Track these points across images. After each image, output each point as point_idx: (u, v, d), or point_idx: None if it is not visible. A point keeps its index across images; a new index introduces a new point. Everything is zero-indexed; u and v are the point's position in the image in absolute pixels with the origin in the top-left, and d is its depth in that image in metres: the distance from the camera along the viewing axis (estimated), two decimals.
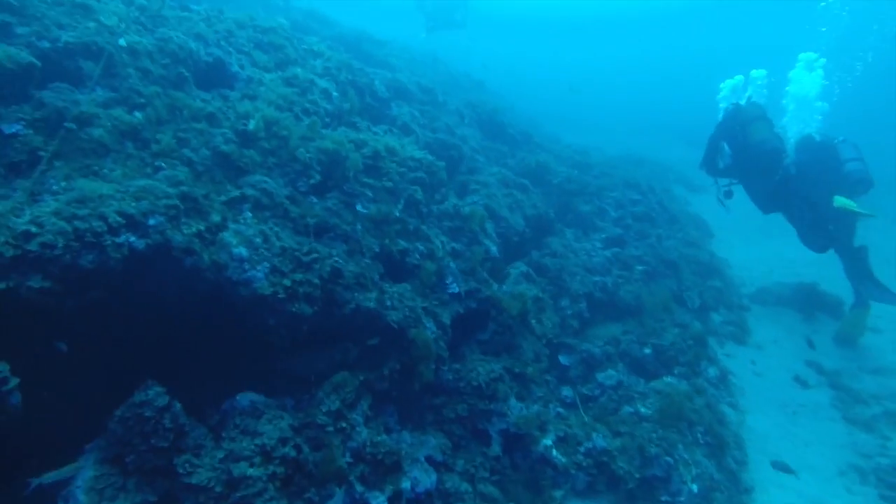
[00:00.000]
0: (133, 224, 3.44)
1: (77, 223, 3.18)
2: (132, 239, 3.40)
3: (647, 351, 6.78)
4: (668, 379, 6.43)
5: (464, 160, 7.70)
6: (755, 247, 13.07)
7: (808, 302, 9.31)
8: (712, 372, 7.06)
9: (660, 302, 7.66)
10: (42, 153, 3.51)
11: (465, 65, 19.66)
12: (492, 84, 18.92)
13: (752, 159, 7.60)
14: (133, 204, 3.50)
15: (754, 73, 9.02)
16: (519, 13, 51.94)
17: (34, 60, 3.76)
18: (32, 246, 2.96)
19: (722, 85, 8.98)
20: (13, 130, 3.51)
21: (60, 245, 3.05)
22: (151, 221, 3.55)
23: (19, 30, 3.93)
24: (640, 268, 8.63)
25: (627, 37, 55.95)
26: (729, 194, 8.20)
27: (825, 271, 10.80)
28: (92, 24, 4.27)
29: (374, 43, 13.53)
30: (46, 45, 3.96)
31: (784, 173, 7.33)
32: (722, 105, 8.47)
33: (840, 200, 6.73)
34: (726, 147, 8.11)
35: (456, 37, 19.37)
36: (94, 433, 3.34)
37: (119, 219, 3.35)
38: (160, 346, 4.04)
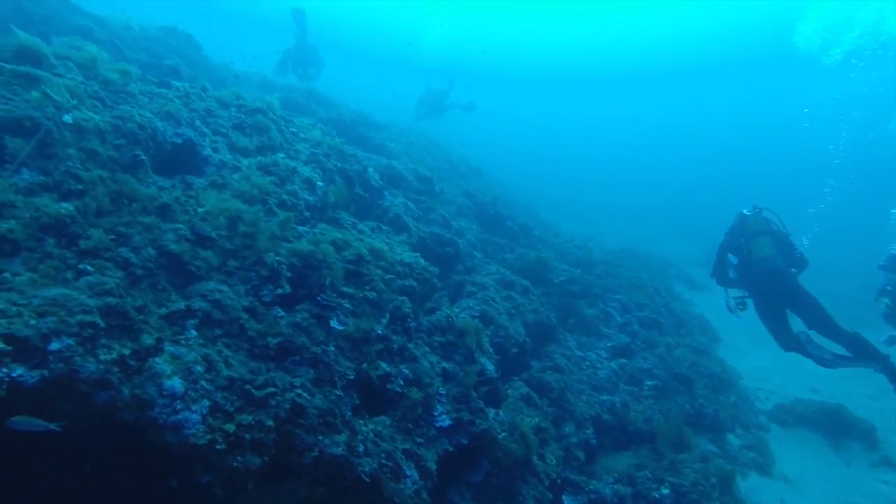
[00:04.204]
0: (26, 350, 2.62)
1: None
2: (18, 371, 2.55)
3: (666, 491, 5.78)
4: None
5: (460, 257, 7.02)
6: (765, 352, 12.20)
7: (834, 427, 8.38)
8: None
9: (674, 427, 6.74)
10: None
11: (462, 143, 19.87)
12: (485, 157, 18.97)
13: (755, 275, 7.04)
14: (32, 322, 2.69)
15: None
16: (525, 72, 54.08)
17: None
18: None
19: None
20: None
21: None
22: (55, 345, 2.72)
23: None
24: (649, 383, 7.79)
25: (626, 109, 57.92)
26: (743, 306, 7.51)
27: (845, 386, 9.98)
28: (35, 96, 3.64)
29: (372, 126, 13.29)
30: None
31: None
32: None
33: None
34: (732, 258, 7.58)
35: (455, 114, 19.82)
36: None
37: (2, 344, 2.52)
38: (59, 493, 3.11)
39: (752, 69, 46.35)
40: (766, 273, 6.90)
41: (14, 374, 2.50)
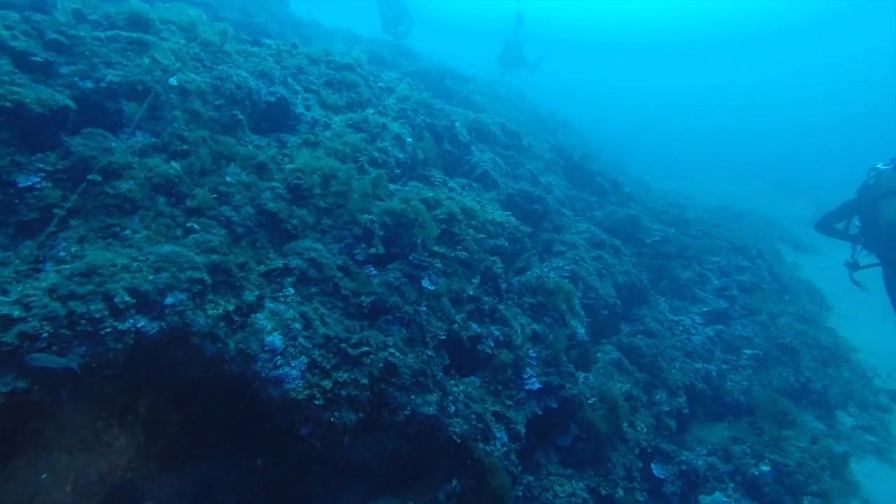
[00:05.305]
0: (146, 303, 2.79)
1: (73, 304, 2.55)
2: (142, 323, 2.73)
3: (766, 469, 5.45)
4: None
5: (549, 215, 6.77)
6: (889, 323, 10.99)
7: None
8: None
9: (773, 400, 6.27)
10: (57, 211, 2.95)
11: (544, 91, 19.16)
12: (569, 113, 18.17)
13: (882, 244, 6.14)
14: (150, 277, 2.86)
15: None
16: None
17: (69, 103, 3.27)
18: (8, 337, 2.33)
19: None
20: (29, 183, 2.98)
21: (46, 335, 2.41)
22: (169, 300, 2.88)
23: (63, 69, 3.49)
24: (749, 352, 7.28)
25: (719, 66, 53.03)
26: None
27: None
28: (147, 61, 3.78)
29: (457, 79, 12.98)
30: (89, 85, 3.49)
31: None
32: None
33: None
34: (857, 222, 6.69)
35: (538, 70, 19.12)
36: None
37: (128, 298, 2.70)
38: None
39: None
40: (892, 241, 6.06)
41: (139, 325, 2.68)
